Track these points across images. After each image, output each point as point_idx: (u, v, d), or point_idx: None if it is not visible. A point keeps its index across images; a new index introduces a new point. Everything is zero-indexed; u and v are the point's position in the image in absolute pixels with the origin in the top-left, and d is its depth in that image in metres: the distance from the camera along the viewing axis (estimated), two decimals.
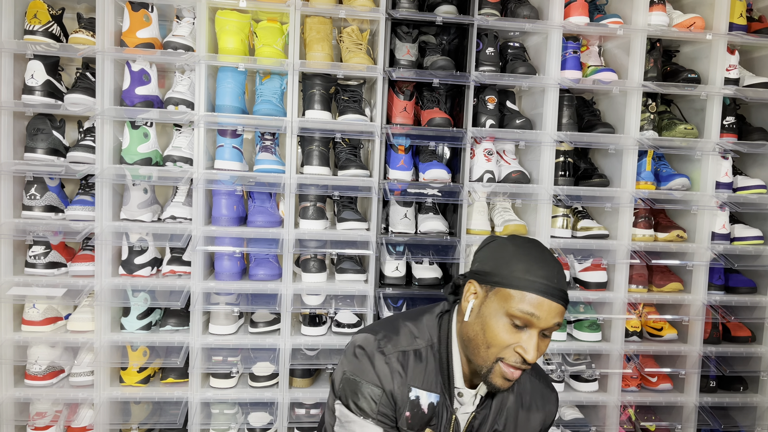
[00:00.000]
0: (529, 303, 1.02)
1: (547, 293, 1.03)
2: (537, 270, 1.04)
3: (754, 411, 2.31)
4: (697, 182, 2.23)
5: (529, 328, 1.04)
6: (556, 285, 1.04)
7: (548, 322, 1.03)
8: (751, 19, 2.31)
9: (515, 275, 1.04)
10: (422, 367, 1.14)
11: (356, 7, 1.99)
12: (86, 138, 1.99)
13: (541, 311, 1.02)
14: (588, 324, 2.22)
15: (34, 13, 1.91)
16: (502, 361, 1.05)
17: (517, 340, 1.04)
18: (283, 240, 1.99)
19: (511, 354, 1.05)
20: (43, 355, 1.97)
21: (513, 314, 1.03)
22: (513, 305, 1.03)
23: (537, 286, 1.03)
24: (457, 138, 2.06)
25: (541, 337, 1.06)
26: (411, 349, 1.14)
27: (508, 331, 1.04)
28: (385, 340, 1.14)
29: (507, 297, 1.04)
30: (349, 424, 1.13)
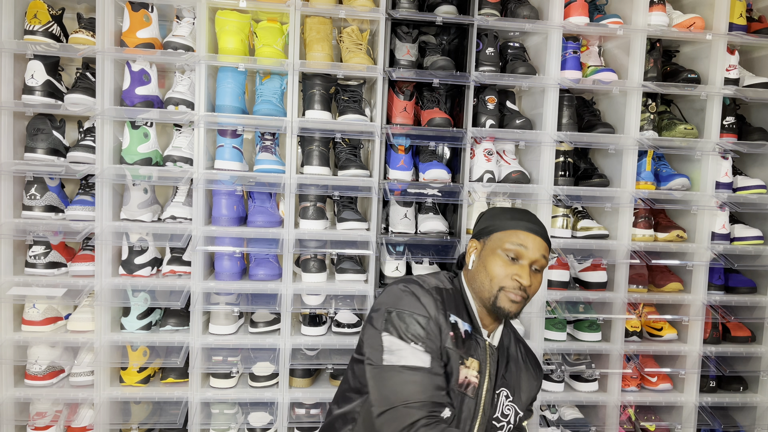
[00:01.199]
0: (518, 237, 1.28)
1: (531, 230, 1.29)
2: (521, 217, 1.32)
3: (754, 411, 2.31)
4: (697, 182, 2.23)
5: (520, 259, 1.28)
6: (539, 226, 1.31)
7: (536, 255, 1.27)
8: (751, 19, 2.31)
9: (504, 222, 1.31)
10: (453, 301, 1.32)
11: (356, 7, 1.99)
12: (86, 138, 1.99)
13: (528, 243, 1.27)
14: (588, 324, 2.22)
15: (34, 13, 1.91)
16: (504, 289, 1.27)
17: (513, 271, 1.27)
18: (283, 240, 1.99)
19: (510, 281, 1.27)
20: (43, 355, 1.97)
21: (506, 249, 1.28)
22: (505, 242, 1.28)
23: (522, 225, 1.29)
24: (457, 138, 2.06)
25: (533, 272, 1.28)
26: (443, 287, 1.33)
27: (504, 264, 1.27)
28: (421, 280, 1.33)
29: (500, 238, 1.30)
30: (400, 351, 1.21)
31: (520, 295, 1.27)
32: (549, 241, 1.33)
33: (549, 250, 1.32)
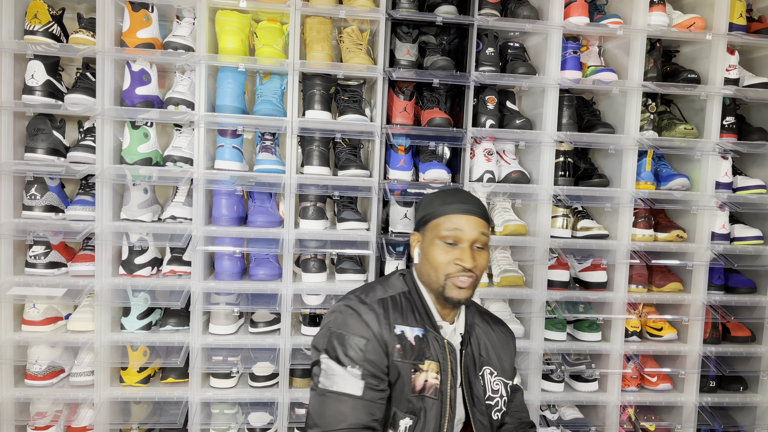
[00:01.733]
0: (452, 221, 1.26)
1: (464, 211, 1.27)
2: (451, 198, 1.29)
3: (754, 411, 2.31)
4: (697, 182, 2.23)
5: (459, 243, 1.26)
6: (471, 204, 1.29)
7: (473, 234, 1.26)
8: (750, 19, 2.31)
9: (436, 208, 1.29)
10: (399, 309, 1.30)
11: (356, 7, 1.99)
12: (86, 138, 1.99)
13: (463, 224, 1.26)
14: (588, 324, 2.22)
15: (35, 13, 1.92)
16: (450, 276, 1.26)
17: (454, 256, 1.26)
18: (283, 240, 1.99)
19: (453, 267, 1.25)
20: (44, 355, 1.98)
21: (443, 236, 1.26)
22: (440, 229, 1.27)
23: (454, 208, 1.27)
24: (457, 138, 2.06)
25: (476, 251, 1.28)
26: (387, 296, 1.31)
27: (444, 252, 1.26)
28: (363, 294, 1.31)
29: (435, 226, 1.28)
30: (334, 376, 1.21)
31: (468, 278, 1.25)
32: (486, 215, 1.31)
33: (488, 224, 1.31)
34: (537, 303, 2.12)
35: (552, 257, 2.15)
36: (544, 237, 2.12)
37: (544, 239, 2.12)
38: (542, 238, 2.12)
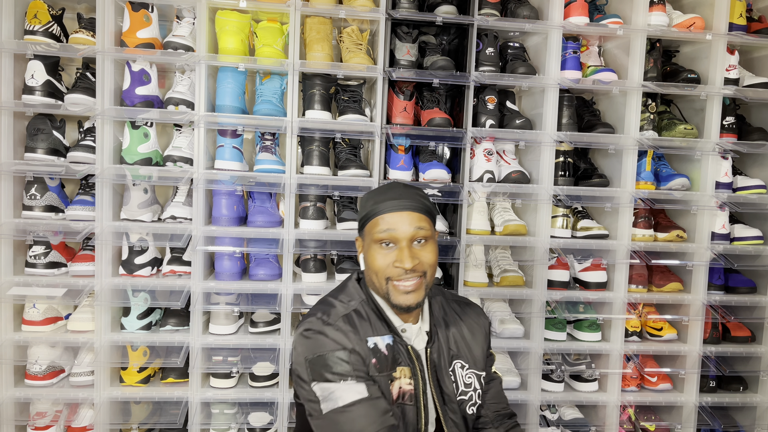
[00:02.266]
0: (384, 222, 1.18)
1: (396, 208, 1.18)
2: (382, 197, 1.20)
3: (754, 411, 2.31)
4: (697, 182, 2.23)
5: (396, 243, 1.18)
6: (403, 199, 1.19)
7: (409, 231, 1.17)
8: (750, 19, 2.31)
9: (369, 209, 1.20)
10: (366, 319, 1.23)
11: (356, 7, 1.99)
12: (86, 138, 1.99)
13: (395, 223, 1.17)
14: (588, 324, 2.22)
15: (35, 13, 1.92)
16: (391, 279, 1.18)
17: (392, 257, 1.17)
18: (283, 240, 1.99)
19: (393, 270, 1.17)
20: (44, 355, 1.98)
21: (378, 239, 1.18)
22: (375, 232, 1.18)
23: (385, 207, 1.18)
24: (457, 138, 2.06)
25: (417, 247, 1.19)
26: (351, 311, 1.23)
27: (382, 255, 1.18)
28: (325, 315, 1.22)
29: (370, 229, 1.20)
30: (333, 394, 1.14)
31: (412, 281, 1.17)
32: (424, 206, 1.21)
33: (428, 215, 1.21)
34: (537, 303, 2.12)
35: (552, 257, 2.15)
36: (544, 237, 2.12)
37: (544, 239, 2.12)
38: (542, 238, 2.12)
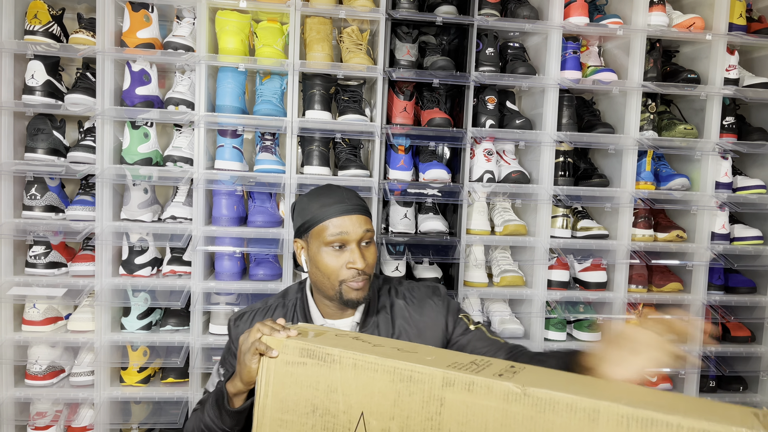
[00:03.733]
0: (335, 226, 1.21)
1: (344, 211, 1.22)
2: (327, 200, 1.24)
3: None
4: (697, 182, 2.23)
5: (346, 245, 1.22)
6: (349, 202, 1.24)
7: (358, 233, 1.22)
8: (750, 19, 2.31)
9: (315, 214, 1.23)
10: (269, 315, 1.32)
11: (356, 8, 1.99)
12: (86, 138, 1.99)
13: (346, 226, 1.21)
14: (588, 324, 2.22)
15: (35, 13, 1.92)
16: (345, 282, 1.21)
17: (345, 259, 1.21)
18: (283, 240, 1.99)
19: (346, 272, 1.21)
20: (44, 355, 1.98)
21: (329, 242, 1.21)
22: (325, 236, 1.21)
23: (333, 210, 1.22)
24: (457, 138, 2.06)
25: (364, 248, 1.24)
26: (256, 308, 1.35)
27: (333, 257, 1.22)
28: (239, 312, 1.36)
29: (318, 233, 1.22)
30: (207, 383, 1.35)
31: (362, 279, 1.22)
32: (365, 208, 1.27)
33: (369, 218, 1.27)
34: (537, 303, 2.12)
35: (552, 257, 2.15)
36: (544, 237, 2.12)
37: (544, 239, 2.12)
38: (542, 238, 2.12)
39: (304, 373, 0.94)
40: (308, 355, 0.94)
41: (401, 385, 0.87)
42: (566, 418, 0.75)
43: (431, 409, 0.85)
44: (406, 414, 0.86)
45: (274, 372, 0.97)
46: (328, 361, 0.93)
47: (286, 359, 0.96)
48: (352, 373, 0.91)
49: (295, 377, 0.95)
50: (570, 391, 0.76)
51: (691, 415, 0.69)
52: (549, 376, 0.85)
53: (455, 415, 0.83)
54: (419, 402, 0.85)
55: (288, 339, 0.98)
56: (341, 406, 0.91)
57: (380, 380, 0.89)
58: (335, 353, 0.92)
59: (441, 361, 0.89)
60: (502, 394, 0.80)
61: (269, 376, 0.97)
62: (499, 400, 0.80)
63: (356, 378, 0.90)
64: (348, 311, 1.30)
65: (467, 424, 0.82)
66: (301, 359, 0.95)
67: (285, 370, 0.96)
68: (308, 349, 0.95)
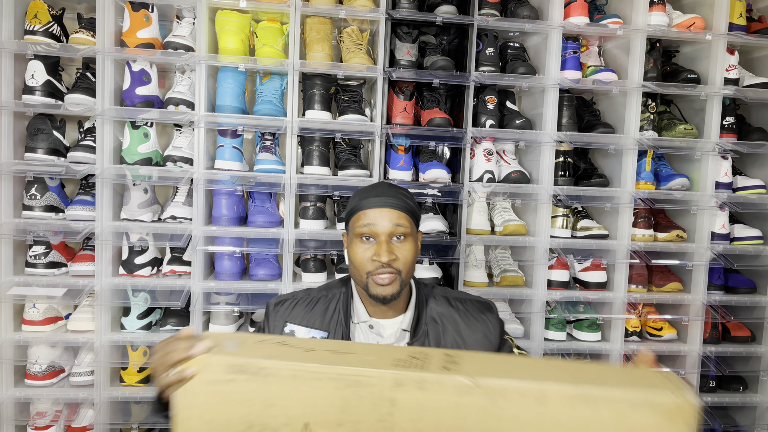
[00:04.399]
0: (365, 217, 1.22)
1: (378, 205, 1.22)
2: (367, 194, 1.25)
3: (754, 411, 2.31)
4: (697, 182, 2.23)
5: (375, 238, 1.22)
6: (386, 196, 1.24)
7: (388, 227, 1.21)
8: (750, 19, 2.31)
9: (354, 205, 1.26)
10: (307, 309, 1.30)
11: (356, 8, 1.99)
12: (86, 138, 1.99)
13: (376, 219, 1.21)
14: (588, 324, 2.22)
15: (35, 13, 1.92)
16: (371, 274, 1.21)
17: (372, 252, 1.21)
18: (283, 240, 1.99)
19: (371, 264, 1.21)
20: (44, 354, 1.98)
21: (359, 233, 1.23)
22: (356, 226, 1.23)
23: (367, 203, 1.23)
24: (457, 138, 2.06)
25: (396, 244, 1.22)
26: (298, 299, 1.33)
27: (362, 249, 1.22)
28: (280, 297, 1.35)
29: (353, 224, 1.24)
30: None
31: (388, 273, 1.20)
32: (406, 206, 1.25)
33: (409, 214, 1.25)
34: (537, 303, 2.12)
35: (552, 257, 2.15)
36: (544, 237, 2.12)
37: (544, 239, 2.12)
38: (542, 238, 2.12)
39: (234, 391, 0.87)
40: (237, 371, 0.87)
41: (349, 391, 0.85)
42: (516, 403, 0.80)
43: (382, 410, 0.84)
44: (356, 419, 0.85)
45: (196, 393, 0.88)
46: (262, 375, 0.86)
47: (210, 378, 0.88)
48: (291, 384, 0.86)
49: (224, 396, 0.87)
50: (518, 377, 0.82)
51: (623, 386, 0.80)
52: (491, 362, 0.90)
53: (408, 413, 0.83)
54: (369, 405, 0.85)
55: (210, 356, 0.89)
56: (282, 419, 0.86)
57: (325, 388, 0.86)
58: (270, 366, 0.86)
59: (382, 359, 0.88)
60: (453, 387, 0.82)
61: (192, 399, 0.88)
62: (452, 393, 0.82)
63: (297, 389, 0.86)
64: (390, 312, 1.28)
65: (420, 420, 0.83)
66: (229, 376, 0.87)
67: (210, 390, 0.88)
68: (237, 365, 0.87)
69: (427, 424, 0.83)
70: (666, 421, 0.77)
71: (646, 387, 0.80)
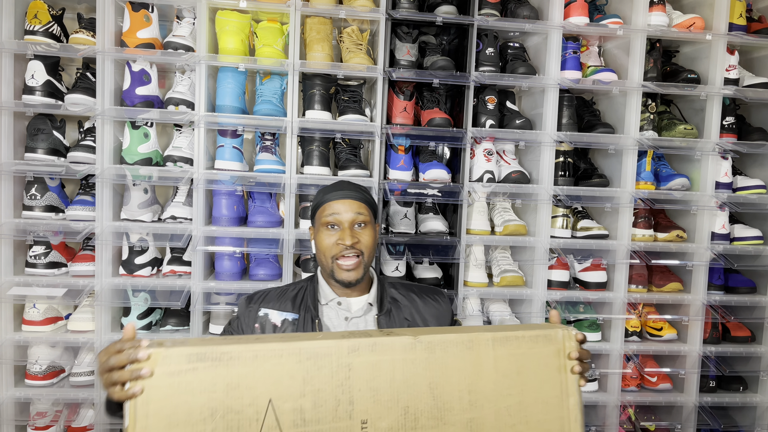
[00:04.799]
0: (330, 208, 1.36)
1: (340, 197, 1.37)
2: (330, 190, 1.40)
3: (754, 411, 2.31)
4: (697, 182, 2.23)
5: (339, 225, 1.35)
6: (347, 190, 1.39)
7: (350, 215, 1.35)
8: (750, 19, 2.31)
9: (319, 199, 1.40)
10: (278, 297, 1.41)
11: (356, 8, 1.99)
12: (86, 138, 1.99)
13: (339, 208, 1.35)
14: (588, 324, 2.22)
15: (35, 13, 1.92)
16: (335, 258, 1.34)
17: (336, 237, 1.35)
18: (283, 240, 1.99)
19: (337, 248, 1.34)
20: (44, 355, 1.98)
21: (325, 222, 1.36)
22: (322, 217, 1.37)
23: (330, 196, 1.38)
24: (457, 138, 2.06)
25: (358, 230, 1.36)
26: (270, 289, 1.44)
27: (327, 236, 1.36)
28: (250, 294, 1.44)
29: (319, 215, 1.39)
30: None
31: (353, 256, 1.33)
32: (365, 197, 1.40)
33: (367, 205, 1.39)
34: (537, 303, 2.12)
35: (552, 257, 2.15)
36: (544, 237, 2.12)
37: (544, 239, 2.12)
38: (542, 238, 2.12)
39: (196, 379, 0.90)
40: (199, 359, 0.91)
41: (309, 363, 0.94)
42: (451, 352, 1.01)
43: (341, 375, 0.95)
44: (317, 388, 0.94)
45: (154, 388, 0.89)
46: (225, 359, 0.91)
47: (169, 370, 0.90)
48: (254, 364, 0.92)
49: (185, 386, 0.90)
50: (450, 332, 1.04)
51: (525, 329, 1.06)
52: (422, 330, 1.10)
53: (363, 374, 0.96)
54: (328, 373, 0.95)
55: (166, 349, 0.91)
56: (246, 399, 0.92)
57: (287, 364, 0.94)
58: (231, 350, 0.92)
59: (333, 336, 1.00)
60: (400, 346, 0.99)
61: (148, 395, 0.89)
62: (399, 352, 0.98)
63: (260, 367, 0.93)
64: (355, 293, 1.40)
65: (375, 379, 0.96)
66: (190, 365, 0.90)
67: (168, 383, 0.90)
68: (197, 353, 0.91)
69: (380, 382, 0.97)
70: (556, 345, 1.06)
71: (543, 328, 1.08)
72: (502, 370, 1.02)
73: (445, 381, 0.99)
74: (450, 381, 0.99)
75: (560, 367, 1.05)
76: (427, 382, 0.98)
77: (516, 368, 1.03)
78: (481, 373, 1.01)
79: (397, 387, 0.97)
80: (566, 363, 1.06)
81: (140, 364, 0.90)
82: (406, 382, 0.97)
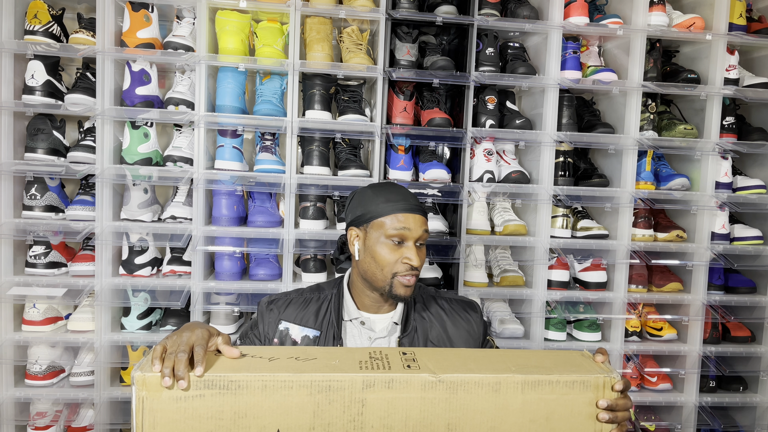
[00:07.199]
0: (398, 221, 1.27)
1: (408, 209, 1.28)
2: (393, 197, 1.30)
3: (754, 411, 2.31)
4: (697, 182, 2.23)
5: (405, 241, 1.28)
6: (413, 202, 1.31)
7: (418, 232, 1.28)
8: (750, 19, 2.31)
9: (380, 207, 1.29)
10: (300, 309, 1.35)
11: (356, 8, 1.99)
12: (86, 138, 1.99)
13: (409, 223, 1.27)
14: (588, 324, 2.22)
15: (35, 13, 1.92)
16: (397, 275, 1.27)
17: (401, 254, 1.27)
18: (283, 240, 1.99)
19: (401, 266, 1.27)
20: (44, 354, 1.98)
21: (390, 235, 1.27)
22: (388, 228, 1.27)
23: (398, 207, 1.28)
24: (457, 138, 2.06)
25: (419, 248, 1.30)
26: (291, 297, 1.38)
27: (391, 251, 1.27)
28: (272, 296, 1.39)
29: (381, 225, 1.28)
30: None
31: (413, 275, 1.28)
32: (424, 211, 1.33)
33: (426, 220, 1.33)
34: (537, 303, 2.12)
35: (552, 257, 2.15)
36: (544, 237, 2.12)
37: (544, 239, 2.12)
38: (542, 238, 2.12)
39: (203, 406, 0.89)
40: (206, 386, 0.89)
41: (320, 396, 0.90)
42: (475, 393, 0.93)
43: (353, 411, 0.91)
44: (327, 422, 0.90)
45: (160, 412, 0.88)
46: (232, 388, 0.89)
47: (177, 395, 0.89)
48: (262, 395, 0.90)
49: (191, 411, 0.89)
50: (474, 371, 0.95)
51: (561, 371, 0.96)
52: (447, 357, 1.01)
53: (377, 411, 0.91)
54: (340, 408, 0.91)
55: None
56: (253, 429, 0.89)
57: (296, 395, 0.90)
58: (239, 378, 0.90)
59: (346, 363, 0.96)
60: (419, 384, 0.92)
61: (154, 418, 0.88)
62: (417, 390, 0.92)
63: (268, 398, 0.90)
64: (384, 307, 1.35)
65: (389, 417, 0.91)
66: (197, 392, 0.89)
67: (175, 407, 0.89)
68: (205, 380, 0.90)
69: (395, 420, 0.91)
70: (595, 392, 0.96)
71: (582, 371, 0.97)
72: (529, 414, 0.94)
73: (466, 423, 0.93)
74: (471, 423, 0.93)
75: (594, 415, 0.97)
76: (446, 422, 0.93)
77: (545, 414, 0.95)
78: (507, 417, 0.94)
79: (412, 426, 0.92)
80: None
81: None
82: (423, 421, 0.92)
